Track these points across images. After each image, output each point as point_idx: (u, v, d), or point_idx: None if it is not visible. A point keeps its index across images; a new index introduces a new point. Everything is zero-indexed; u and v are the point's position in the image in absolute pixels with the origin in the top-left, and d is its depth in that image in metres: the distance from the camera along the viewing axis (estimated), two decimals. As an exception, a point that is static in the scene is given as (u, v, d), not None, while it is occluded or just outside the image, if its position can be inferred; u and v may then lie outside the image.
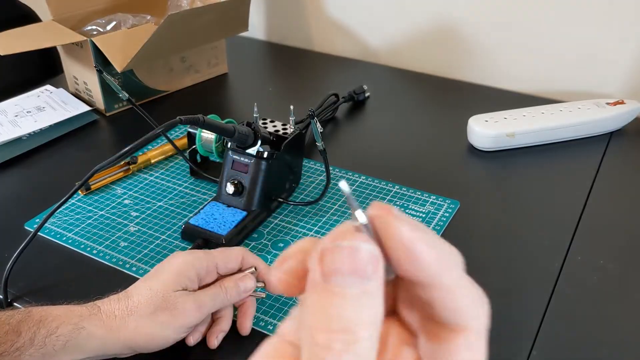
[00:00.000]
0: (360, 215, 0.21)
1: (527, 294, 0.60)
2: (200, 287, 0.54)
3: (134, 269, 0.64)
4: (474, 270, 0.70)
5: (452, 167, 0.81)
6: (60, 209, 0.70)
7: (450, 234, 0.68)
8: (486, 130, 0.82)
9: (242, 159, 0.68)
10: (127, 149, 0.57)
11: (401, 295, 0.23)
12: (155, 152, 0.82)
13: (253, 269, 0.56)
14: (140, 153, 0.81)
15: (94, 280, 0.63)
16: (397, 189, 0.76)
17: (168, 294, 0.50)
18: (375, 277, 0.20)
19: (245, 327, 0.55)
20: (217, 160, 0.77)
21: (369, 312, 0.20)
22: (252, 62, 1.17)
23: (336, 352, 0.19)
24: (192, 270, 0.52)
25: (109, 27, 0.98)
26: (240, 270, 0.56)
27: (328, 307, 0.20)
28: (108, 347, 0.49)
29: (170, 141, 0.74)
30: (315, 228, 0.69)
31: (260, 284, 0.57)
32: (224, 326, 0.55)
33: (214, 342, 0.54)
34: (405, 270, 0.21)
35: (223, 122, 0.66)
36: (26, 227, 0.70)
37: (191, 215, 0.69)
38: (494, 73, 1.04)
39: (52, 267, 0.64)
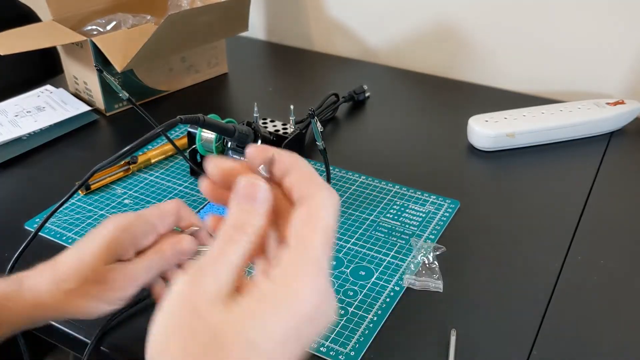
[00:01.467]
0: (262, 169, 0.34)
1: (527, 294, 0.60)
2: (140, 252, 0.51)
3: (134, 268, 0.64)
4: (473, 269, 0.70)
5: (452, 167, 0.81)
6: (60, 209, 0.71)
7: (450, 234, 0.68)
8: (486, 130, 0.82)
9: (242, 158, 0.68)
10: (127, 148, 0.57)
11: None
12: (155, 151, 0.82)
13: (194, 228, 0.53)
14: (140, 153, 0.81)
15: (94, 280, 0.63)
16: (397, 189, 0.76)
17: (98, 267, 0.48)
18: (262, 201, 0.33)
19: None
20: (217, 160, 0.76)
21: (254, 220, 0.33)
22: (252, 62, 1.17)
23: (228, 236, 0.32)
24: (125, 238, 0.49)
25: (109, 27, 0.98)
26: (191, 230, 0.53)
27: (233, 213, 0.33)
28: (38, 318, 0.48)
29: (170, 141, 0.74)
30: (315, 228, 0.69)
31: (203, 247, 0.53)
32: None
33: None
34: (282, 172, 0.34)
35: (223, 121, 0.66)
36: (26, 227, 0.70)
37: (191, 215, 0.69)
38: (494, 73, 1.04)
39: (52, 267, 0.64)
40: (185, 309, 0.30)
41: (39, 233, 0.67)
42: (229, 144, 0.69)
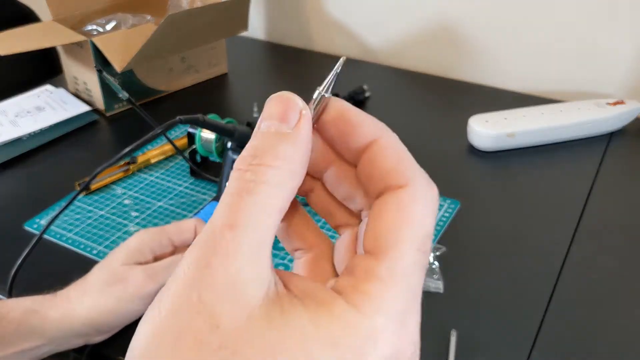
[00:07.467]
0: (319, 92, 0.24)
1: (527, 294, 0.60)
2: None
3: (134, 269, 0.64)
4: (473, 269, 0.70)
5: (452, 167, 0.81)
6: (60, 209, 0.71)
7: (450, 234, 0.68)
8: (486, 130, 0.82)
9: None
10: (127, 149, 0.57)
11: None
12: (155, 152, 0.82)
13: None
14: (140, 153, 0.81)
15: (94, 280, 0.63)
16: (397, 189, 0.76)
17: (118, 269, 0.52)
18: (295, 124, 0.21)
19: None
20: (217, 160, 0.76)
21: (284, 149, 0.21)
22: (252, 62, 1.17)
23: (243, 170, 0.20)
24: (144, 246, 0.54)
25: (109, 27, 0.97)
26: None
27: (250, 142, 0.21)
28: (66, 329, 0.50)
29: (170, 141, 0.74)
30: (315, 228, 0.69)
31: None
32: None
33: None
34: (350, 135, 0.23)
35: (223, 122, 0.66)
36: (26, 227, 0.70)
37: (191, 215, 0.69)
38: (494, 73, 1.04)
39: (52, 268, 0.64)
40: (186, 303, 0.18)
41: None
42: (229, 144, 0.69)
